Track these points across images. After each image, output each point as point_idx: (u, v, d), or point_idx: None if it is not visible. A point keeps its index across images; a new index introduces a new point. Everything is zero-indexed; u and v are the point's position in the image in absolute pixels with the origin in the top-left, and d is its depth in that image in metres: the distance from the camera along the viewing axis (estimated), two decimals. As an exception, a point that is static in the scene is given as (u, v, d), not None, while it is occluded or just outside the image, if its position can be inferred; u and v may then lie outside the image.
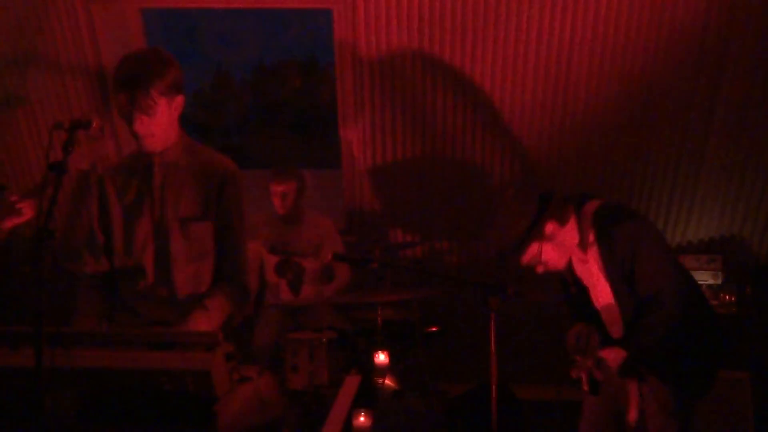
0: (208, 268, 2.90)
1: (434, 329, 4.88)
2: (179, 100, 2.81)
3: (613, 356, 2.84)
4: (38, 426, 2.06)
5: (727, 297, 5.03)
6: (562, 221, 3.04)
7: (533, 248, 3.02)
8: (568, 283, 3.23)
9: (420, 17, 4.82)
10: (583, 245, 3.06)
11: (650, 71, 4.89)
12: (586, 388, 2.80)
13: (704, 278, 5.08)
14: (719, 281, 5.11)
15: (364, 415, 2.83)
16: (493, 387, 2.84)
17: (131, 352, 2.27)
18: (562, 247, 3.06)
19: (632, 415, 3.06)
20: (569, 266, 3.17)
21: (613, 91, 4.98)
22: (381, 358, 3.66)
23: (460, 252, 5.70)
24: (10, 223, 3.98)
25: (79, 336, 2.32)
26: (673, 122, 5.08)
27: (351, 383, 3.32)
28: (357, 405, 3.10)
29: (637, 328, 2.90)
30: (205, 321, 2.73)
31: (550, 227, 3.01)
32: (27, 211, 3.94)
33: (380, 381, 3.73)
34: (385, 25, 4.88)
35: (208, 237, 2.89)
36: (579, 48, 4.82)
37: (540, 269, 3.09)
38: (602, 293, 3.08)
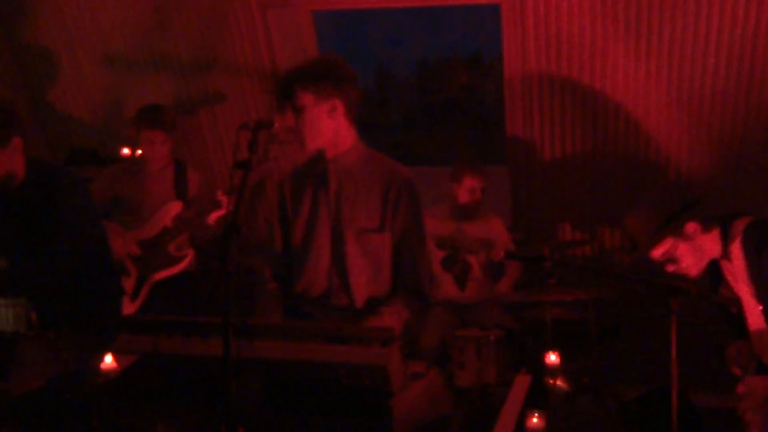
0: (384, 276, 2.92)
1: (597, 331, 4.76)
2: (336, 104, 2.81)
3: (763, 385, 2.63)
4: (227, 412, 2.16)
5: None
6: (706, 227, 2.87)
7: (667, 242, 2.86)
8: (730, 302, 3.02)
9: (591, 10, 4.69)
10: (727, 256, 2.87)
11: None
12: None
13: None
14: None
15: (538, 417, 2.78)
16: (674, 393, 2.72)
17: (311, 344, 2.34)
18: (700, 253, 2.88)
19: None
20: (728, 284, 2.97)
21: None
22: (552, 358, 3.60)
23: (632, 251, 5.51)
24: (215, 215, 4.40)
25: (263, 328, 2.42)
26: None
27: (521, 383, 3.28)
28: (527, 405, 3.06)
29: None
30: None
31: (691, 227, 2.84)
32: (225, 205, 4.38)
33: (551, 382, 3.68)
34: (554, 18, 4.79)
35: (384, 248, 2.90)
36: (765, 40, 4.53)
37: (670, 268, 2.92)
38: (753, 316, 2.87)
